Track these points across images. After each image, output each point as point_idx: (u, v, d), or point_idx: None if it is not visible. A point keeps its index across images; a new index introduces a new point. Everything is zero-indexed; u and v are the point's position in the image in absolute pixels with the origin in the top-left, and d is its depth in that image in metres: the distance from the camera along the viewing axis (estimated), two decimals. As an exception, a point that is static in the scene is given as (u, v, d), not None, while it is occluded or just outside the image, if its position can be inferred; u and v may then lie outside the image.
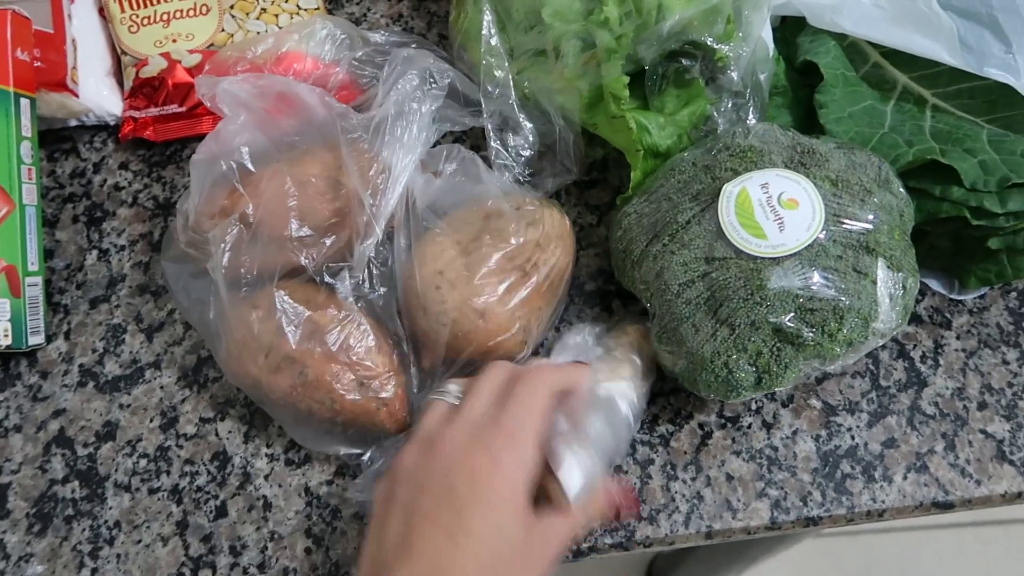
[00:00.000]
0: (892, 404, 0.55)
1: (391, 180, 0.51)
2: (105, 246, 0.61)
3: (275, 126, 0.56)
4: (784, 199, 0.48)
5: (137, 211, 0.62)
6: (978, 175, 0.53)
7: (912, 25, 0.58)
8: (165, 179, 0.64)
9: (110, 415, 0.55)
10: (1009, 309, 0.59)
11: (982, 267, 0.57)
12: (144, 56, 0.63)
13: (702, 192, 0.50)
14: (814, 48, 0.61)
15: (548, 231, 0.52)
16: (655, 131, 0.57)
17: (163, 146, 0.65)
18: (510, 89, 0.58)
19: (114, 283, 0.59)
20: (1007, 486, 0.53)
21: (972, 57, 0.57)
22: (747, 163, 0.50)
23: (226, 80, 0.54)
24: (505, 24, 0.57)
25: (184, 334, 0.58)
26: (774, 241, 0.47)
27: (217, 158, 0.54)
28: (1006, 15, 0.56)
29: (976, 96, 0.58)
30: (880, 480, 0.53)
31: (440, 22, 0.72)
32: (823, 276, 0.47)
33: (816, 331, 0.47)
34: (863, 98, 0.60)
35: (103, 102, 0.64)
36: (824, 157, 0.50)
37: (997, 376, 0.56)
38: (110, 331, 0.58)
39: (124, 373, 0.56)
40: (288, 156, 0.55)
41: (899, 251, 0.49)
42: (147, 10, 0.64)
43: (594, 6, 0.53)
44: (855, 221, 0.48)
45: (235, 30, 0.65)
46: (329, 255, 0.51)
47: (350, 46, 0.64)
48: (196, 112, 0.64)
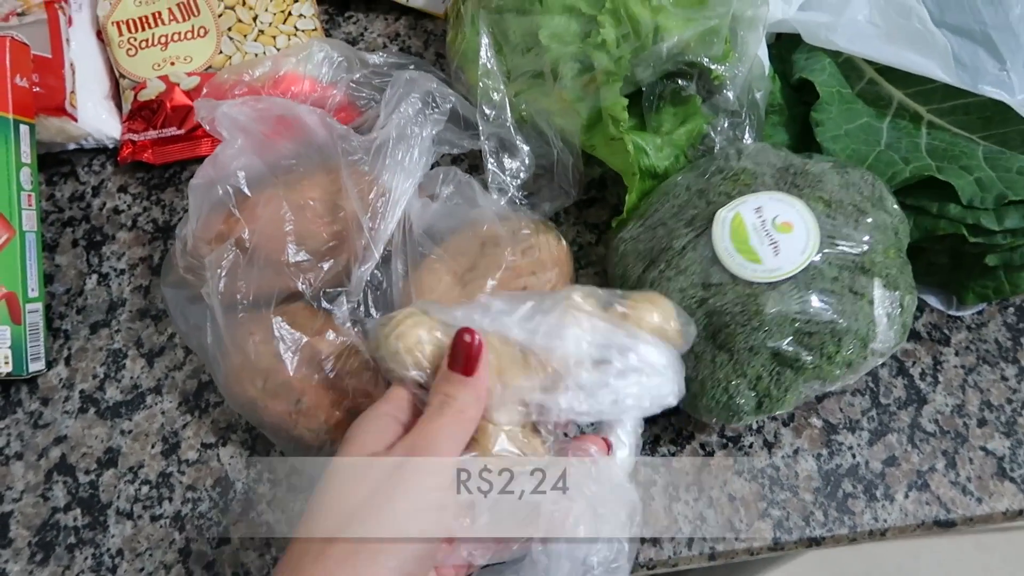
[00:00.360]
0: (892, 422, 0.55)
1: (390, 203, 0.51)
2: (105, 270, 0.61)
3: (273, 149, 0.56)
4: (778, 222, 0.48)
5: (136, 234, 0.63)
6: (975, 192, 0.53)
7: (906, 43, 0.58)
8: (164, 202, 0.64)
9: (111, 441, 0.55)
10: (1007, 325, 0.59)
11: (980, 283, 0.57)
12: (142, 79, 0.63)
13: (697, 217, 0.50)
14: (810, 66, 0.61)
15: (543, 257, 0.52)
16: (652, 152, 0.57)
17: (162, 169, 0.65)
18: (507, 111, 0.58)
19: (114, 307, 0.60)
20: (1008, 503, 0.53)
21: (966, 74, 0.57)
22: (740, 186, 0.51)
23: (225, 104, 0.54)
24: (502, 46, 0.57)
25: (185, 358, 0.58)
26: (770, 265, 0.47)
27: (215, 183, 0.54)
28: (1000, 32, 0.57)
29: (971, 112, 0.58)
30: (882, 499, 0.53)
31: (437, 41, 0.72)
32: (820, 299, 0.47)
33: (815, 354, 0.47)
34: (859, 115, 0.60)
35: (102, 125, 0.64)
36: (817, 177, 0.51)
37: (996, 392, 0.57)
38: (111, 356, 0.58)
39: (125, 399, 0.56)
40: (285, 179, 0.55)
41: (895, 270, 0.49)
42: (145, 33, 0.64)
43: (591, 28, 0.53)
44: (850, 242, 0.48)
45: (233, 52, 0.65)
46: (327, 279, 0.51)
47: (347, 68, 0.64)
48: (195, 134, 0.64)
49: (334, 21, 0.73)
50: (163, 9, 0.64)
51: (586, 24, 0.54)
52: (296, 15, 0.67)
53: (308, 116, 0.55)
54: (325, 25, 0.73)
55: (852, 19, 0.60)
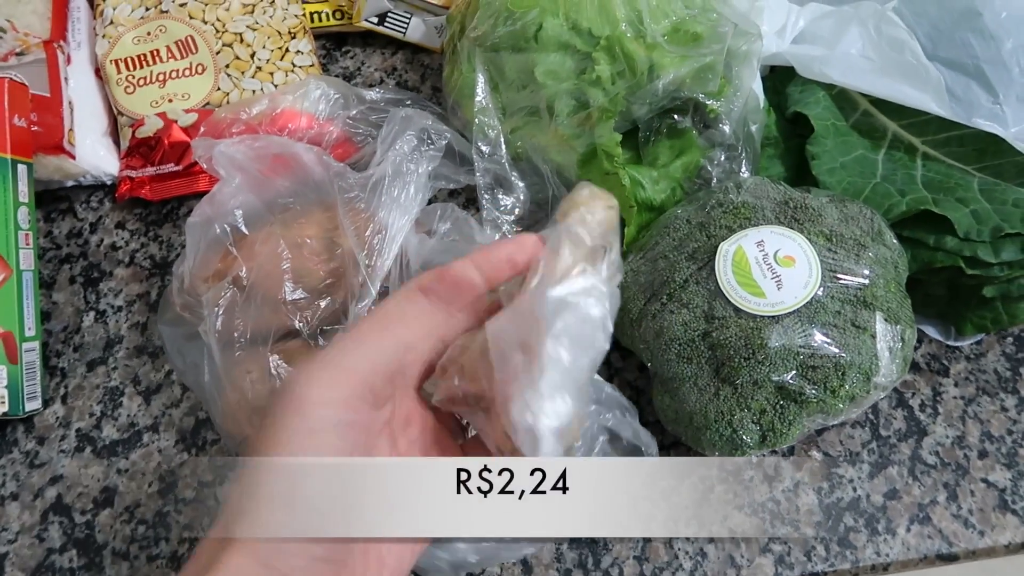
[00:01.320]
0: (893, 454, 0.55)
1: (387, 240, 0.51)
2: (102, 307, 0.61)
3: (270, 187, 0.56)
4: (780, 256, 0.48)
5: (134, 271, 0.62)
6: (971, 225, 0.53)
7: (900, 76, 0.58)
8: (162, 238, 0.64)
9: (108, 480, 0.54)
10: (1006, 355, 0.59)
11: (978, 314, 0.57)
12: (140, 116, 0.64)
13: (698, 250, 0.51)
14: (804, 99, 0.62)
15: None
16: (648, 185, 0.58)
17: (160, 205, 0.65)
18: (502, 148, 0.58)
19: (111, 345, 0.59)
20: (1011, 536, 0.52)
21: (960, 107, 0.58)
22: (741, 220, 0.51)
23: (222, 143, 0.55)
24: (498, 83, 0.57)
25: (182, 396, 0.57)
26: (773, 299, 0.47)
27: (212, 221, 0.54)
28: (991, 66, 0.57)
29: (966, 144, 0.59)
30: (884, 533, 0.53)
31: (433, 75, 0.73)
32: (823, 333, 0.47)
33: (819, 388, 0.47)
34: (854, 147, 0.60)
35: (100, 162, 0.64)
36: (817, 212, 0.51)
37: (996, 423, 0.56)
38: (107, 394, 0.57)
39: (122, 437, 0.56)
40: (283, 217, 0.55)
41: (895, 303, 0.49)
42: (143, 71, 0.65)
43: (586, 65, 0.54)
44: (851, 276, 0.48)
45: (231, 89, 0.65)
46: (324, 317, 0.51)
47: (344, 105, 0.64)
48: (193, 170, 0.64)
49: (331, 56, 0.74)
50: (161, 47, 0.65)
51: (581, 61, 0.54)
52: (293, 52, 0.67)
53: (305, 154, 0.56)
54: (323, 60, 0.73)
55: (845, 52, 0.61)
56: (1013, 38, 0.57)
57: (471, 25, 0.58)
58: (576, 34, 0.54)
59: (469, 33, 0.58)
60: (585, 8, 0.55)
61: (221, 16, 0.66)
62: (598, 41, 0.53)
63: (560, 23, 0.54)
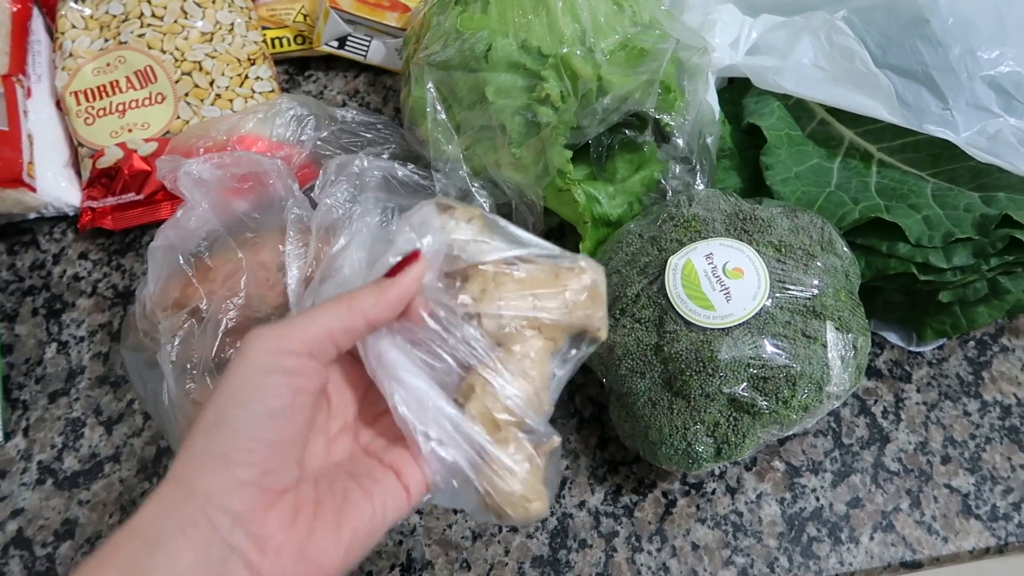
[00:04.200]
0: (856, 462, 0.55)
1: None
2: (64, 338, 0.61)
3: (235, 209, 0.56)
4: (729, 268, 0.49)
5: (96, 301, 0.63)
6: (923, 231, 0.53)
7: (852, 84, 0.59)
8: (124, 267, 0.64)
9: (69, 512, 0.54)
10: (968, 359, 0.59)
11: (937, 319, 0.57)
12: (100, 147, 0.64)
13: (650, 265, 0.51)
14: (759, 110, 0.62)
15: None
16: (605, 201, 0.58)
17: (122, 234, 0.65)
18: (461, 163, 0.58)
19: (73, 376, 0.59)
20: (974, 542, 0.52)
21: (911, 114, 0.58)
22: (692, 233, 0.51)
23: (187, 162, 0.55)
24: (450, 102, 0.58)
25: (144, 424, 0.57)
26: (722, 312, 0.47)
27: (174, 247, 0.54)
28: (940, 72, 0.58)
29: (920, 150, 0.59)
30: (847, 542, 0.52)
31: (395, 96, 0.73)
32: (773, 344, 0.47)
33: (771, 399, 0.47)
34: (809, 157, 0.60)
35: (61, 194, 0.64)
36: (767, 223, 0.51)
37: (959, 428, 0.56)
38: (69, 425, 0.57)
39: (83, 468, 0.56)
40: (245, 240, 0.55)
41: (847, 312, 0.49)
42: (103, 101, 0.65)
43: (536, 84, 0.54)
44: (800, 286, 0.48)
45: (191, 117, 0.66)
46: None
47: (315, 126, 0.65)
48: (154, 199, 0.64)
49: (294, 80, 0.74)
50: (120, 77, 0.65)
51: (531, 79, 0.54)
52: (253, 78, 0.68)
53: (272, 171, 0.56)
54: (286, 85, 0.74)
55: (798, 62, 0.61)
56: (960, 44, 0.57)
57: (422, 45, 0.59)
58: (526, 53, 0.54)
59: (420, 53, 0.58)
60: (534, 27, 0.55)
61: (180, 45, 0.66)
62: (546, 59, 0.54)
63: (510, 42, 0.55)
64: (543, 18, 0.55)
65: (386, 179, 0.57)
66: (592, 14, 0.55)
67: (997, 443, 0.56)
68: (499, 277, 0.37)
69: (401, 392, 0.35)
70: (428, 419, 0.35)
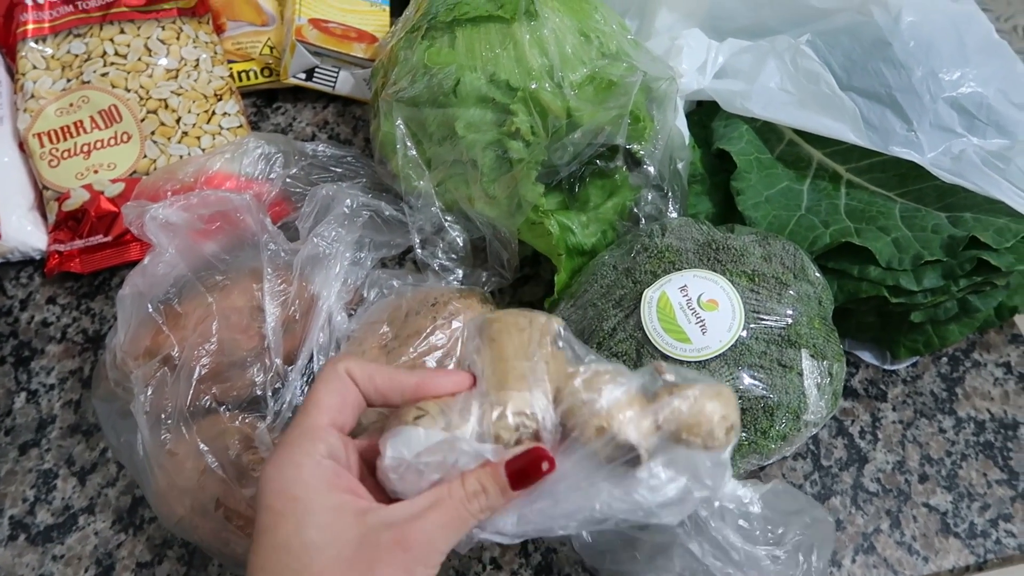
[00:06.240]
0: (835, 484, 0.56)
1: (314, 312, 0.51)
2: (34, 387, 0.60)
3: (205, 252, 0.55)
4: (703, 300, 0.49)
5: (66, 347, 0.61)
6: (892, 254, 0.54)
7: (818, 107, 0.59)
8: (94, 311, 0.63)
9: (43, 568, 0.53)
10: (942, 375, 0.60)
11: (909, 338, 0.58)
12: (66, 189, 0.63)
13: (625, 297, 0.51)
14: (727, 134, 0.62)
15: (468, 319, 0.52)
16: (578, 230, 0.58)
17: (91, 277, 0.64)
18: (433, 198, 0.58)
19: (44, 425, 0.58)
20: (955, 560, 0.53)
21: (877, 136, 0.58)
22: (665, 264, 0.51)
23: (153, 207, 0.54)
24: (420, 137, 0.57)
25: (118, 474, 0.56)
26: (698, 344, 0.48)
27: (143, 295, 0.53)
28: (904, 94, 0.58)
29: (887, 170, 0.60)
30: (830, 566, 0.53)
31: (365, 127, 0.73)
32: (750, 375, 0.47)
33: (749, 430, 0.47)
34: (779, 180, 0.61)
35: (27, 238, 0.63)
36: (739, 252, 0.51)
37: (935, 446, 0.57)
38: (41, 477, 0.56)
39: (56, 521, 0.55)
40: (215, 285, 0.54)
41: (821, 339, 0.50)
42: (67, 143, 0.64)
43: (506, 118, 0.54)
44: (774, 316, 0.49)
45: (157, 155, 0.65)
46: (252, 390, 0.50)
47: (284, 163, 0.64)
48: (123, 240, 0.63)
49: (262, 113, 0.74)
50: (84, 118, 0.64)
51: (501, 114, 0.54)
52: (220, 114, 0.67)
53: (242, 208, 0.55)
54: (254, 118, 0.73)
55: (765, 86, 0.62)
56: (922, 66, 0.58)
57: (390, 80, 0.58)
58: (495, 87, 0.54)
59: (388, 89, 0.58)
60: (502, 60, 0.55)
61: (144, 83, 0.66)
62: (515, 93, 0.53)
63: (478, 76, 0.54)
64: (511, 51, 0.55)
65: (372, 218, 0.57)
66: (559, 47, 0.55)
67: (973, 459, 0.56)
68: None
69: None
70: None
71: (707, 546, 0.41)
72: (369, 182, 0.64)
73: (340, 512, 0.34)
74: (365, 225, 0.55)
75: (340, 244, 0.54)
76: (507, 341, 0.37)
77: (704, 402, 0.36)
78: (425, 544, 0.34)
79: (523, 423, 0.36)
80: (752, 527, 0.41)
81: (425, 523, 0.34)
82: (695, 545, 0.41)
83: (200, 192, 0.57)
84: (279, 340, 0.51)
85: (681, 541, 0.41)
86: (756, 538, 0.41)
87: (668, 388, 0.36)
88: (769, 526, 0.41)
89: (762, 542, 0.41)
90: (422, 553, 0.34)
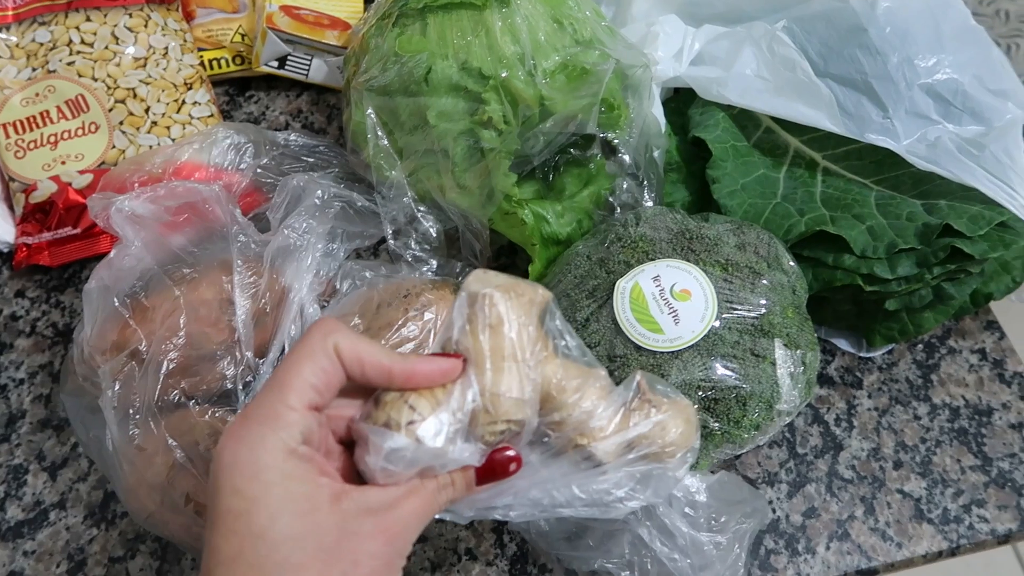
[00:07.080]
0: (810, 472, 0.56)
1: (286, 305, 0.50)
2: (3, 381, 0.59)
3: (172, 245, 0.55)
4: (676, 291, 0.48)
5: (36, 340, 0.61)
6: (867, 242, 0.54)
7: (794, 94, 0.59)
8: (64, 304, 0.62)
9: (14, 564, 0.53)
10: (917, 362, 0.60)
11: (885, 325, 0.58)
12: (33, 181, 0.62)
13: (598, 288, 0.50)
14: (704, 121, 0.62)
15: (441, 310, 0.51)
16: (553, 220, 0.57)
17: (60, 269, 0.63)
18: (405, 188, 0.58)
19: (14, 420, 0.57)
20: (928, 546, 0.53)
21: (853, 123, 0.58)
22: (639, 254, 0.51)
23: (119, 199, 0.53)
24: (392, 127, 0.57)
25: (89, 468, 0.56)
26: (671, 335, 0.47)
27: (110, 289, 0.52)
28: (880, 81, 0.58)
29: (864, 157, 0.59)
30: (804, 552, 0.53)
31: (339, 115, 0.72)
32: (723, 365, 0.47)
33: (722, 420, 0.47)
34: (755, 167, 0.61)
35: (-7, 231, 0.62)
36: (713, 241, 0.51)
37: (910, 432, 0.57)
38: (11, 473, 0.56)
39: (27, 517, 0.54)
40: (183, 278, 0.53)
41: (794, 328, 0.49)
42: (33, 133, 0.63)
43: (478, 107, 0.53)
44: (747, 306, 0.48)
45: (127, 146, 0.64)
46: (221, 383, 0.50)
47: (255, 153, 0.63)
48: (92, 232, 0.63)
49: (235, 102, 0.73)
50: (51, 107, 0.63)
51: (473, 102, 0.54)
52: (190, 103, 0.66)
53: (211, 199, 0.54)
54: (226, 107, 0.72)
55: (741, 73, 0.61)
56: (898, 53, 0.58)
57: (361, 68, 0.57)
58: (467, 75, 0.54)
59: (359, 77, 0.57)
60: (474, 48, 0.54)
61: (112, 72, 0.64)
62: (488, 82, 0.53)
63: (450, 64, 0.54)
64: (483, 39, 0.54)
65: (345, 209, 0.57)
66: (532, 34, 0.54)
67: (947, 445, 0.57)
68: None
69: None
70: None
71: (655, 531, 0.43)
72: (342, 172, 0.64)
73: (316, 499, 0.33)
74: (337, 216, 0.54)
75: (312, 235, 0.53)
76: (505, 335, 0.37)
77: (670, 426, 0.39)
78: (403, 533, 0.34)
79: (510, 428, 0.36)
80: (697, 514, 0.44)
81: (402, 512, 0.34)
82: (644, 531, 0.43)
83: (168, 183, 0.56)
84: (250, 333, 0.50)
85: (631, 527, 0.44)
86: (700, 525, 0.44)
87: (643, 403, 0.39)
88: (713, 514, 0.44)
89: (705, 529, 0.44)
90: (402, 545, 0.34)
